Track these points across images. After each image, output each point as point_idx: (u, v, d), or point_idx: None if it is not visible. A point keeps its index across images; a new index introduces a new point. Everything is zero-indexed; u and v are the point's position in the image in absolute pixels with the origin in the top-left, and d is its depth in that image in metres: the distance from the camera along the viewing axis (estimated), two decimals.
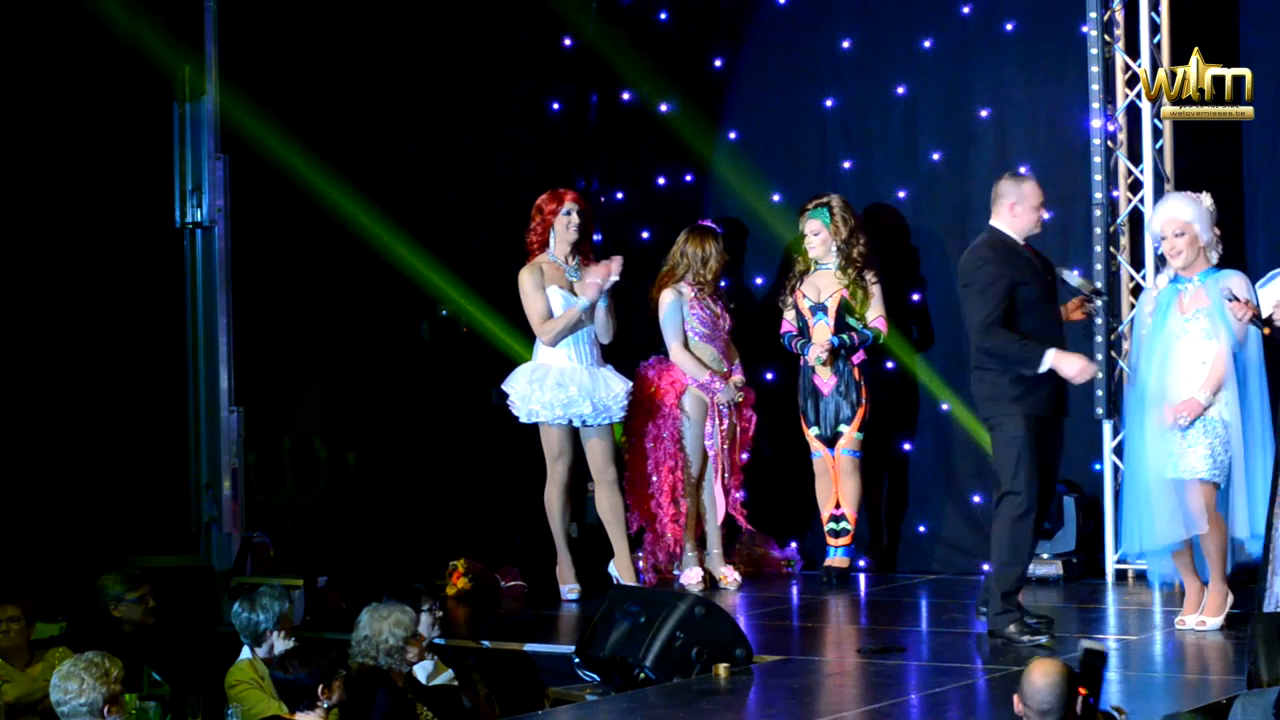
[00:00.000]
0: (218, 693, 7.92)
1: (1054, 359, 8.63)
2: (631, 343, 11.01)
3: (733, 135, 11.95)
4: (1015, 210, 8.83)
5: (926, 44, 11.36)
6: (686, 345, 10.74)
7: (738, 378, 10.85)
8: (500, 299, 10.93)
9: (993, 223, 8.88)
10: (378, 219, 11.05)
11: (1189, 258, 8.88)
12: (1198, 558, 8.95)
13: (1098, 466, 10.62)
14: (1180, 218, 8.90)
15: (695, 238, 10.82)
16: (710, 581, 10.73)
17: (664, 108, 12.05)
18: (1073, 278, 9.25)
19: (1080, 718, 6.09)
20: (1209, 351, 8.80)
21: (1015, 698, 6.14)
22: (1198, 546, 8.91)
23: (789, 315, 10.99)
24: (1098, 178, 10.30)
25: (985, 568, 10.97)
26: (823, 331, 10.81)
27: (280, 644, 8.01)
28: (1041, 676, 6.09)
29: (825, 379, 10.82)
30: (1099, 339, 10.22)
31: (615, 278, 10.32)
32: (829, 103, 11.66)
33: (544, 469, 10.48)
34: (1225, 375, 8.77)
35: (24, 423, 9.94)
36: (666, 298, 10.76)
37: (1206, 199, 9.01)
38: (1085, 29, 10.39)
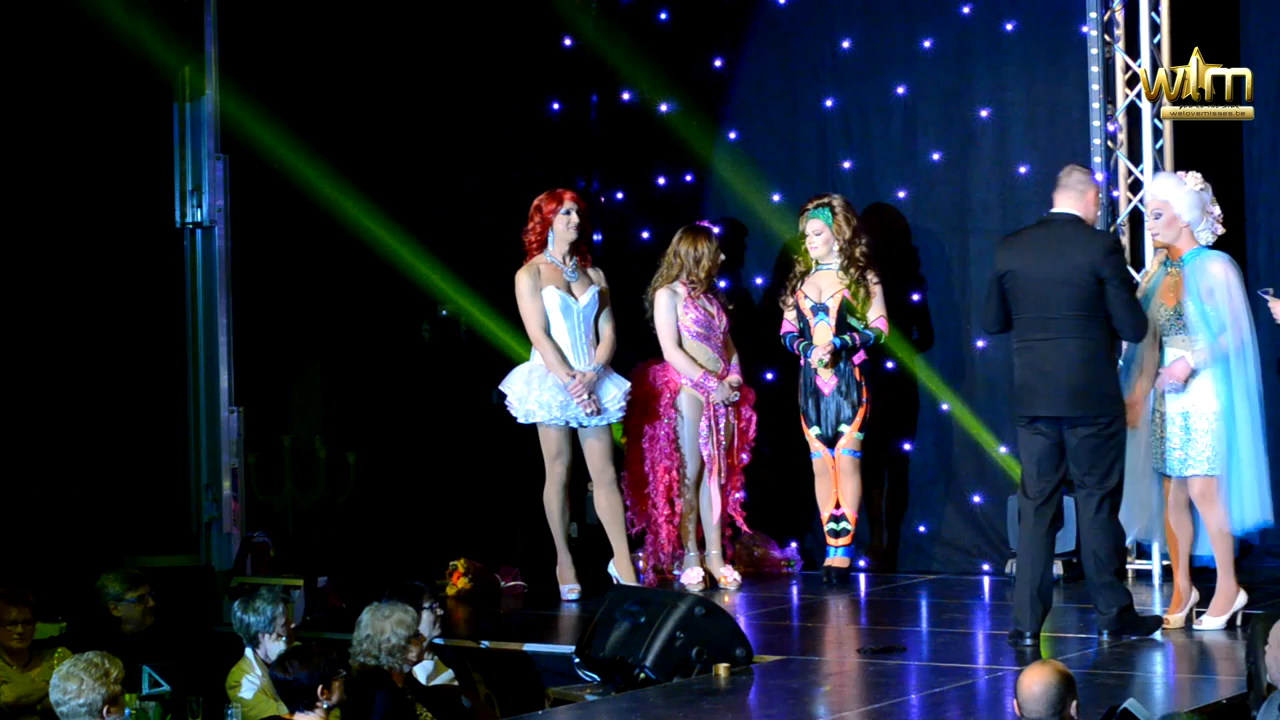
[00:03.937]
0: (218, 693, 7.92)
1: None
2: (630, 343, 11.00)
3: (733, 135, 11.95)
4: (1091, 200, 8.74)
5: (926, 44, 11.36)
6: (680, 344, 10.74)
7: (733, 377, 10.83)
8: (500, 299, 10.92)
9: (1076, 211, 8.68)
10: (378, 219, 11.06)
11: (1167, 238, 8.82)
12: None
13: None
14: (1158, 197, 8.87)
15: (689, 237, 10.82)
16: (710, 581, 10.73)
17: (664, 108, 12.04)
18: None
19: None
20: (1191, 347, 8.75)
21: (1015, 702, 6.13)
22: (1205, 543, 8.90)
23: (790, 315, 10.98)
24: (1098, 178, 10.30)
25: (986, 567, 11.01)
26: (824, 332, 10.80)
27: (272, 646, 8.00)
28: (1030, 685, 6.06)
29: (826, 379, 10.81)
30: None
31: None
32: (829, 103, 11.66)
33: (544, 469, 10.47)
34: (1187, 374, 8.70)
35: (24, 423, 9.93)
36: (660, 297, 10.77)
37: (1192, 179, 8.90)
38: (1085, 29, 10.39)
